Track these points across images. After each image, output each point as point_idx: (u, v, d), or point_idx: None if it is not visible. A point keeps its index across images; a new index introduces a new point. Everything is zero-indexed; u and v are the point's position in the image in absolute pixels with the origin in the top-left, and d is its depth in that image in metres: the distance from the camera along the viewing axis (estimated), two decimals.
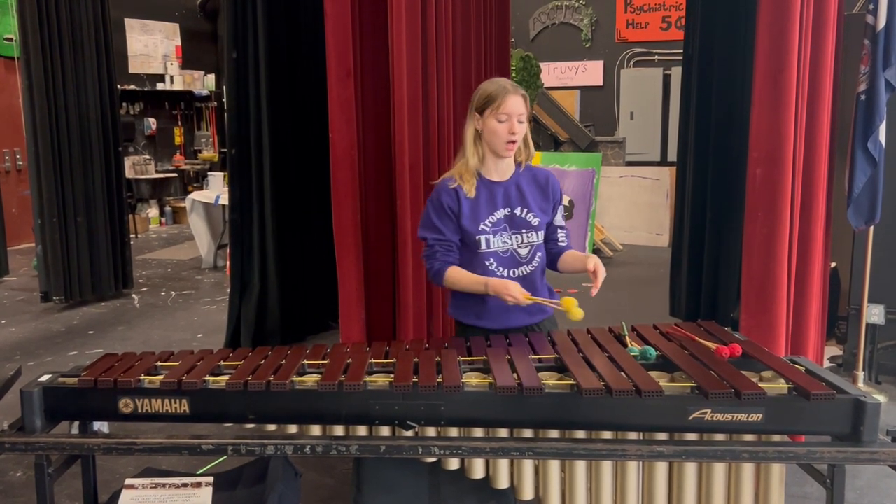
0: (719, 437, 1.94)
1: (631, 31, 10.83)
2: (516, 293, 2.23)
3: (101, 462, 2.60)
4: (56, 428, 2.11)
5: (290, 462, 2.42)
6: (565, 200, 2.51)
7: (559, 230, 2.45)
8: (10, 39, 8.31)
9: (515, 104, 2.29)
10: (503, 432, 2.00)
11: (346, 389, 1.96)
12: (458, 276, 2.36)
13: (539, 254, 2.41)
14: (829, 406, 1.86)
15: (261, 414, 2.02)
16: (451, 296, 2.54)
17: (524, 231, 2.37)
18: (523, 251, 2.38)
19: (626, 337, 2.27)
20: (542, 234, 2.40)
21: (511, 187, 2.39)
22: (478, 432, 2.00)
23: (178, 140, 11.09)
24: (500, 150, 2.33)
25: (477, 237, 2.35)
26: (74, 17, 5.84)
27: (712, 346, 2.17)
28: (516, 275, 2.38)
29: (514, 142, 2.32)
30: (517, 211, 2.38)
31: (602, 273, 2.25)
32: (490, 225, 2.36)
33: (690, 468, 1.99)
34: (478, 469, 2.06)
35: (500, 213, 2.37)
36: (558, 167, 7.14)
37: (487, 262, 2.36)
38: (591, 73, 11.08)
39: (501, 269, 2.37)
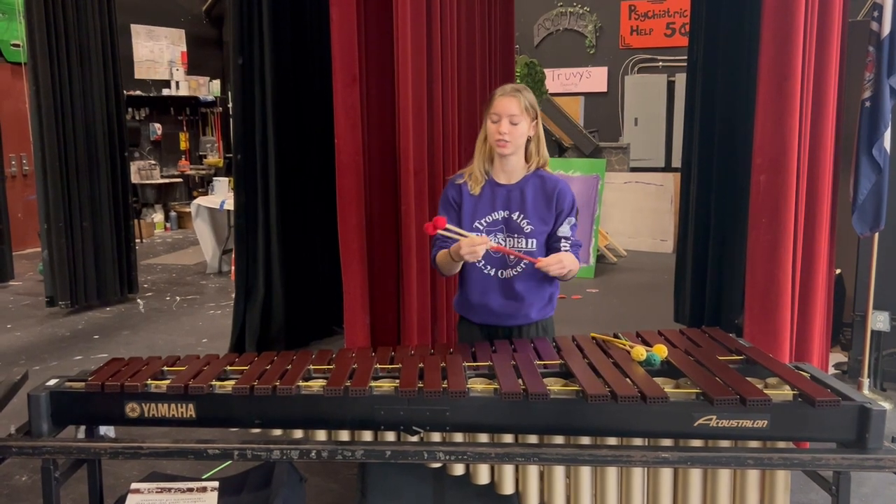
0: (724, 443, 1.94)
1: (635, 37, 10.84)
2: (471, 245, 2.25)
3: (106, 466, 2.61)
4: (62, 432, 2.12)
5: (295, 467, 2.43)
6: None
7: (562, 241, 2.43)
8: (18, 45, 8.36)
9: (505, 104, 2.35)
10: (508, 438, 2.00)
11: (352, 394, 1.96)
12: (440, 256, 2.44)
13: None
14: (835, 413, 1.86)
15: (267, 418, 2.03)
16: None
17: (516, 236, 2.42)
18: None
19: (627, 344, 2.27)
20: (534, 241, 2.41)
21: (515, 191, 2.44)
22: (483, 438, 2.01)
23: (183, 145, 11.12)
24: (494, 147, 2.40)
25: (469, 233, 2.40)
26: (81, 22, 5.86)
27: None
28: (503, 276, 2.44)
29: (502, 142, 2.35)
30: (514, 215, 2.42)
31: (549, 264, 2.28)
32: (484, 224, 2.43)
33: (695, 474, 1.99)
34: (483, 475, 2.06)
35: (498, 215, 2.43)
36: (562, 173, 7.15)
37: None
38: (595, 79, 11.08)
39: (489, 267, 2.44)
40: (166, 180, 10.65)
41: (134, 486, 2.15)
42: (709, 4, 4.90)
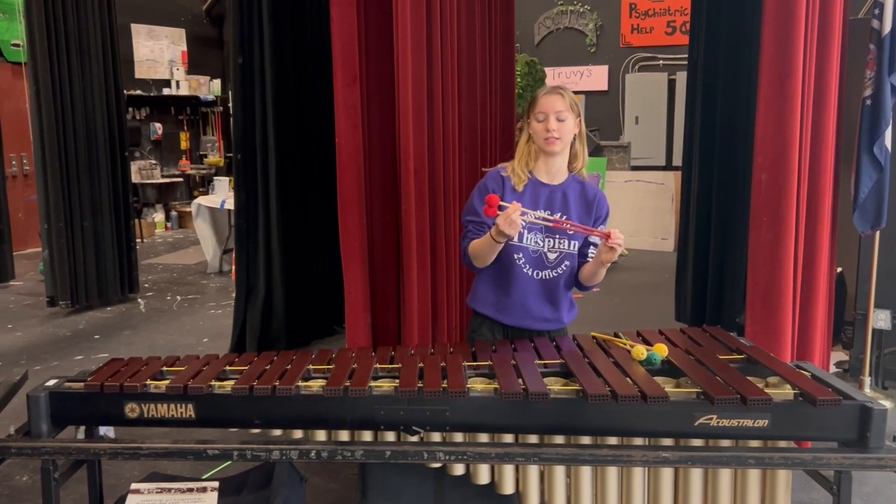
0: (725, 442, 1.94)
1: (636, 35, 10.82)
2: (506, 218, 2.17)
3: (106, 467, 2.61)
4: (62, 433, 2.12)
5: (295, 467, 2.42)
6: None
7: (592, 247, 2.44)
8: (18, 45, 8.36)
9: (550, 102, 2.35)
10: (508, 438, 2.00)
11: (352, 394, 1.96)
12: (475, 244, 2.37)
13: (567, 262, 2.42)
14: (836, 412, 1.86)
15: (266, 419, 2.02)
16: (472, 286, 2.57)
17: (558, 237, 2.40)
18: (552, 255, 2.41)
19: (628, 343, 2.27)
20: (574, 244, 2.42)
21: (557, 193, 2.43)
22: (483, 438, 2.00)
23: (183, 145, 11.12)
24: (544, 147, 2.38)
25: None
26: (81, 22, 5.86)
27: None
28: (540, 276, 2.42)
29: (553, 138, 2.34)
30: (556, 216, 2.41)
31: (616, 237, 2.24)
32: (525, 221, 2.38)
33: (696, 474, 1.98)
34: (483, 474, 2.06)
35: (540, 214, 2.40)
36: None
37: (516, 256, 2.40)
38: (595, 77, 11.07)
39: (527, 266, 2.41)
40: (167, 180, 10.65)
41: (134, 486, 2.15)
42: (709, 3, 4.90)
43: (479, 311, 2.54)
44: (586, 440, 1.96)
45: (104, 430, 2.19)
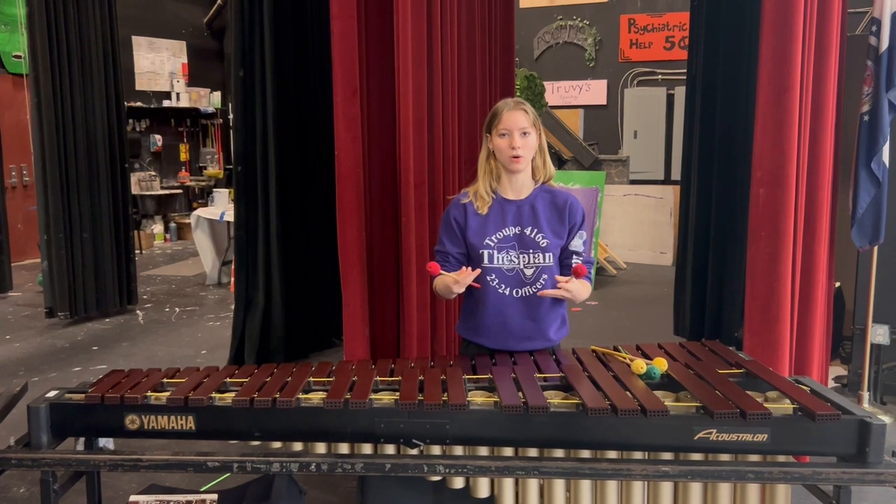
0: (724, 457, 1.94)
1: (634, 50, 10.89)
2: (449, 279, 2.28)
3: (105, 479, 2.61)
4: (61, 444, 2.12)
5: (295, 480, 2.42)
6: None
7: (573, 255, 2.40)
8: (19, 56, 8.39)
9: (514, 118, 2.32)
10: (508, 451, 2.00)
11: (352, 407, 1.96)
12: (438, 282, 2.39)
13: (545, 276, 2.36)
14: (835, 426, 1.86)
15: (266, 431, 2.03)
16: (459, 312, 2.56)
17: (531, 251, 2.36)
18: (528, 271, 2.36)
19: (628, 357, 2.27)
20: (550, 255, 2.36)
21: (525, 206, 2.39)
22: (483, 451, 2.01)
23: (183, 157, 11.14)
24: (507, 164, 2.36)
25: (480, 251, 2.37)
26: (83, 34, 5.89)
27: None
28: (519, 294, 2.37)
29: (517, 156, 2.32)
30: (527, 230, 2.37)
31: (569, 285, 2.25)
32: (496, 241, 2.37)
33: (695, 488, 1.98)
34: (482, 488, 2.06)
35: (510, 231, 2.37)
36: (562, 186, 7.16)
37: (489, 278, 2.37)
38: (594, 92, 11.12)
39: (504, 286, 2.37)
40: (166, 191, 10.66)
41: (133, 498, 2.15)
42: (708, 18, 4.93)
43: (463, 337, 2.52)
44: (586, 454, 1.96)
45: (103, 442, 2.19)
